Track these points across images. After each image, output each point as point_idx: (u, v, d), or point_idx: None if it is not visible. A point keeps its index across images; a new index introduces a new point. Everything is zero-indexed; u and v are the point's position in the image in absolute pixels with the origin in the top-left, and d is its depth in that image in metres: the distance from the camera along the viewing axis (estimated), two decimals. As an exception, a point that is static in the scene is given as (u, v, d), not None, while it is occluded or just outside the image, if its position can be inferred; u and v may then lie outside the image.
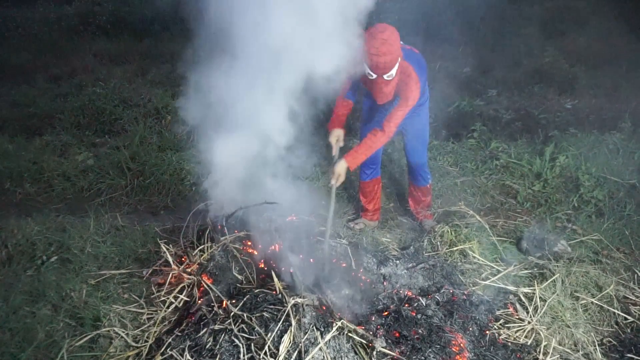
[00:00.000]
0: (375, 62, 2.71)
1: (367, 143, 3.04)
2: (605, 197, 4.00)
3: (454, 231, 3.45)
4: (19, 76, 6.72)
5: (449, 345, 2.44)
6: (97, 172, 4.42)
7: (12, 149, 4.64)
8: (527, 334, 2.70)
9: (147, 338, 2.59)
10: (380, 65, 2.73)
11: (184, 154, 4.61)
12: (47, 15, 9.41)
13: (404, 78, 2.90)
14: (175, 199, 4.18)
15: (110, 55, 7.83)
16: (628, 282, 3.13)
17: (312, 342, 2.26)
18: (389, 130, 2.99)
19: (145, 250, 3.29)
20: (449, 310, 2.72)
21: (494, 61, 7.21)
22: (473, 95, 6.04)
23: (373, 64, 2.73)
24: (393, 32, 2.72)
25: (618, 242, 3.54)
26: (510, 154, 4.71)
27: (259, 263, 2.86)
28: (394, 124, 3.00)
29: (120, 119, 5.43)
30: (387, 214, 4.02)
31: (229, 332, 2.34)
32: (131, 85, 6.37)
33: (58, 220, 3.56)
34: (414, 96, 2.94)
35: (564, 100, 5.79)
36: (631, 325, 2.83)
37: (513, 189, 4.30)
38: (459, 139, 5.14)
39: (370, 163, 3.55)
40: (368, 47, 2.69)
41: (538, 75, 6.59)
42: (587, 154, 4.48)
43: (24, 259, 3.13)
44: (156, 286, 2.93)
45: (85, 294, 2.80)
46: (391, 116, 2.98)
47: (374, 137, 3.02)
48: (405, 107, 2.96)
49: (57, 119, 5.41)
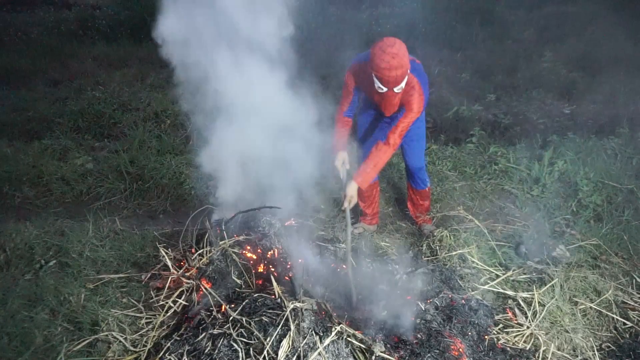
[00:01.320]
0: (387, 76, 2.74)
1: (373, 160, 3.04)
2: (604, 202, 4.01)
3: (452, 236, 3.45)
4: (19, 80, 6.73)
5: (447, 350, 2.43)
6: (96, 176, 4.42)
7: (11, 153, 4.64)
8: (526, 339, 2.70)
9: (145, 342, 2.59)
10: (391, 79, 2.75)
11: (183, 158, 4.62)
12: (46, 19, 9.45)
13: (409, 89, 2.94)
14: (174, 202, 4.18)
15: (110, 59, 7.85)
16: (627, 287, 3.13)
17: (311, 347, 2.25)
18: (394, 142, 3.02)
19: (144, 255, 3.28)
20: (447, 314, 2.72)
21: (492, 66, 7.25)
22: (472, 100, 6.07)
23: (385, 78, 2.75)
24: (402, 45, 2.75)
25: (616, 247, 3.54)
26: (509, 158, 4.72)
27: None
28: (399, 135, 3.02)
29: (119, 123, 5.45)
30: (386, 219, 4.02)
31: (228, 337, 2.33)
32: (130, 89, 6.39)
33: (57, 224, 3.56)
34: (419, 106, 2.98)
35: (562, 105, 5.82)
36: (630, 330, 2.83)
37: (512, 194, 4.31)
38: (458, 143, 5.16)
39: None
40: (378, 62, 2.71)
41: (536, 81, 6.62)
42: (585, 159, 4.49)
43: (22, 263, 3.13)
44: (155, 290, 2.92)
45: (83, 298, 2.80)
46: (397, 127, 3.00)
47: (380, 152, 3.03)
48: (410, 118, 3.00)
49: (56, 122, 5.42)
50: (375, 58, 2.72)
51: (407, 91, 2.93)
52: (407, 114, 2.98)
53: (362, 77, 3.02)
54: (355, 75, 3.06)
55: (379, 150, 3.03)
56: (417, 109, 2.99)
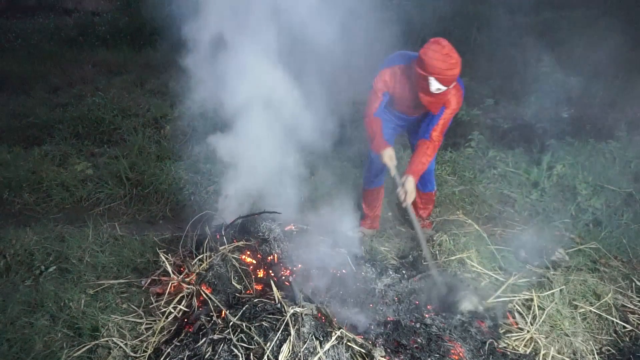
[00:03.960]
0: (449, 75, 2.80)
1: (421, 159, 3.12)
2: (603, 206, 4.02)
3: (452, 240, 3.46)
4: (18, 86, 6.73)
5: (448, 354, 2.43)
6: (95, 181, 4.43)
7: (11, 159, 4.64)
8: (526, 343, 2.70)
9: (145, 348, 2.59)
10: (452, 78, 2.83)
11: (183, 163, 4.63)
12: (46, 26, 9.47)
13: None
14: (174, 208, 4.18)
15: (109, 65, 7.86)
16: (626, 291, 3.13)
17: (311, 352, 2.25)
18: (437, 138, 3.13)
19: (144, 260, 3.28)
20: (447, 319, 2.71)
21: (490, 71, 7.27)
22: (470, 105, 6.08)
23: (447, 78, 2.81)
24: (448, 43, 2.81)
25: (616, 251, 3.54)
26: (507, 162, 4.73)
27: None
28: (441, 132, 3.14)
29: (119, 129, 5.45)
30: (385, 223, 4.03)
31: (228, 342, 2.33)
32: (130, 95, 6.40)
33: (57, 230, 3.56)
34: (457, 101, 3.07)
35: (561, 109, 5.83)
36: (630, 333, 2.83)
37: (511, 198, 4.32)
38: (457, 147, 5.17)
39: (378, 171, 3.58)
40: (439, 64, 2.76)
41: (534, 85, 6.64)
42: (584, 163, 4.51)
43: (22, 269, 3.13)
44: (155, 296, 2.92)
45: (83, 304, 2.80)
46: (438, 125, 3.10)
47: (428, 150, 3.12)
48: (450, 113, 3.09)
49: (56, 128, 5.42)
50: (433, 61, 2.77)
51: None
52: (447, 110, 3.06)
53: (397, 81, 3.07)
54: (389, 80, 3.10)
55: (428, 148, 3.12)
56: (456, 104, 3.07)
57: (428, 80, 2.83)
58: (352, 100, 4.85)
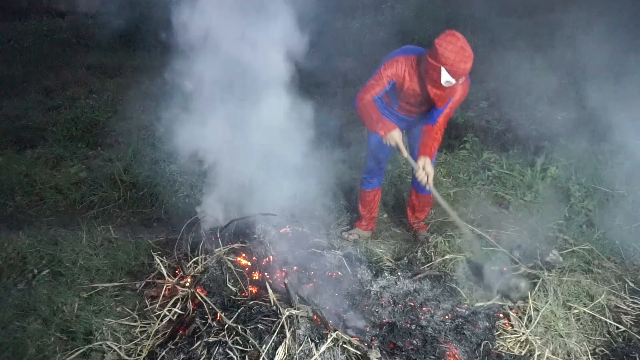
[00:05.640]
0: (461, 68, 2.79)
1: (432, 142, 3.16)
2: (596, 207, 4.04)
3: (447, 242, 3.47)
4: (11, 89, 6.70)
5: (443, 356, 2.44)
6: (89, 184, 4.40)
7: (4, 162, 4.61)
8: (521, 344, 2.71)
9: (140, 351, 2.57)
10: (463, 72, 2.82)
11: (177, 166, 4.61)
12: (40, 28, 9.44)
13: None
14: (168, 210, 4.16)
15: (103, 67, 7.85)
16: (619, 292, 3.15)
17: (306, 354, 2.25)
18: (444, 124, 3.18)
19: (138, 263, 3.26)
20: (443, 321, 2.72)
21: (484, 73, 7.30)
22: (464, 107, 6.11)
23: (459, 71, 2.80)
24: (463, 37, 2.81)
25: (609, 252, 3.56)
26: (502, 164, 4.75)
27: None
28: (445, 119, 3.18)
29: (113, 132, 5.43)
30: (380, 225, 4.03)
31: (223, 345, 2.32)
32: (124, 97, 6.38)
33: (50, 233, 3.53)
34: (465, 90, 3.09)
35: (554, 111, 5.87)
36: (623, 334, 2.85)
37: (505, 200, 4.33)
38: (451, 149, 5.19)
39: (377, 173, 3.58)
40: (452, 56, 2.75)
41: (528, 87, 6.68)
42: (577, 165, 4.53)
43: (15, 272, 3.09)
44: (149, 299, 2.90)
45: (77, 308, 2.77)
46: (444, 113, 3.13)
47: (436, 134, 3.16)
48: (458, 101, 3.13)
49: (49, 131, 5.39)
50: (446, 52, 2.75)
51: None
52: (454, 99, 3.08)
53: (409, 72, 3.02)
54: (401, 68, 3.03)
55: (435, 132, 3.16)
56: (463, 93, 3.10)
57: (439, 71, 2.81)
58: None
